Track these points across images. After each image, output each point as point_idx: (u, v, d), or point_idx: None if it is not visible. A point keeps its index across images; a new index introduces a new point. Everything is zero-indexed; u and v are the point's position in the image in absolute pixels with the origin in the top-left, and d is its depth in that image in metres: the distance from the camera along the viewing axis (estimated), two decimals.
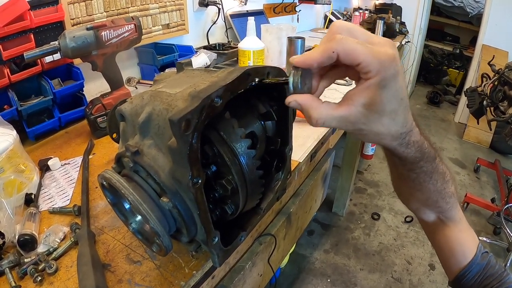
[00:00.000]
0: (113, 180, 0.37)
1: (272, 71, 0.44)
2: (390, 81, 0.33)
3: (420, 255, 2.10)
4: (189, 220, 0.39)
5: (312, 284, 1.90)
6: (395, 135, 0.38)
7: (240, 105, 0.52)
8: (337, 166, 2.64)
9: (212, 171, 0.41)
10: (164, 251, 0.39)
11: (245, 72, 0.36)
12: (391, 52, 0.32)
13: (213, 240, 0.41)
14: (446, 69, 5.01)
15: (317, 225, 2.38)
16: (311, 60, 0.34)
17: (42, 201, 0.73)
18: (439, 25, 5.19)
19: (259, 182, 0.44)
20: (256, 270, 0.79)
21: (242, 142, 0.40)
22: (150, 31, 1.36)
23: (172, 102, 0.35)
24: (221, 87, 0.32)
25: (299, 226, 1.08)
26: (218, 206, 0.45)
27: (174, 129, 0.29)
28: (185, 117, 0.29)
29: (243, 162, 0.40)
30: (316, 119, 0.36)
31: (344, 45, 0.32)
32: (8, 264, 0.55)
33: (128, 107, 0.41)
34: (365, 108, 0.34)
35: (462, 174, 3.01)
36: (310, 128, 1.03)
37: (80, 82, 1.02)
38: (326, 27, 3.01)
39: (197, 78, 0.41)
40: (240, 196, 0.41)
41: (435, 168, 0.46)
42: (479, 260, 0.53)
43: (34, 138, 0.97)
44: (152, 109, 0.37)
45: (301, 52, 1.32)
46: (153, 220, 0.35)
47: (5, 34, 0.87)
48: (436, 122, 4.07)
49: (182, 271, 0.52)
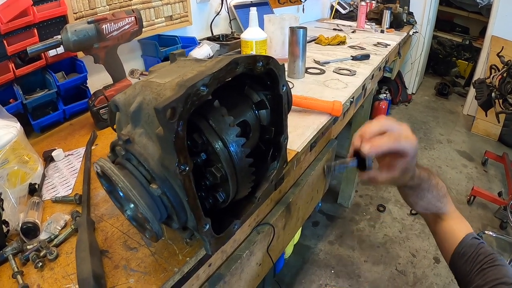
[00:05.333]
0: (105, 168, 0.38)
1: (263, 59, 0.45)
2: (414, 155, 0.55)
3: (425, 248, 2.09)
4: (179, 207, 0.40)
5: (315, 275, 1.92)
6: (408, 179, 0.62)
7: (233, 94, 0.53)
8: (342, 157, 2.63)
9: (202, 159, 0.42)
10: (155, 237, 0.40)
11: (232, 61, 0.37)
12: (414, 137, 0.54)
13: (204, 227, 0.42)
14: (455, 60, 4.91)
15: (322, 216, 2.39)
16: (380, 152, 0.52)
17: (46, 190, 0.75)
18: (448, 15, 5.07)
19: (249, 170, 0.45)
20: (254, 259, 0.80)
21: (231, 130, 0.41)
22: (153, 23, 1.37)
23: (161, 92, 0.36)
24: (207, 76, 0.33)
25: (299, 216, 1.08)
26: (210, 194, 0.46)
27: (159, 117, 0.30)
28: (169, 105, 0.30)
29: (232, 150, 0.41)
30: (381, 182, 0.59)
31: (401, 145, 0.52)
32: (12, 251, 0.57)
33: (122, 98, 0.42)
34: (402, 171, 0.57)
35: (470, 167, 2.97)
36: (310, 119, 1.03)
37: (83, 75, 1.04)
38: (332, 17, 2.98)
39: (187, 68, 0.42)
40: (230, 184, 0.42)
41: (430, 184, 0.66)
42: (469, 241, 0.65)
43: (40, 130, 0.99)
44: (143, 99, 0.38)
45: (303, 42, 1.31)
46: (142, 205, 0.36)
47: (9, 30, 0.89)
48: (445, 114, 4.01)
49: (176, 258, 0.53)
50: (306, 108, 1.08)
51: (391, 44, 2.08)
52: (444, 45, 4.92)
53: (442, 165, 2.98)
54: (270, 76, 0.53)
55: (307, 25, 2.54)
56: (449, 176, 2.82)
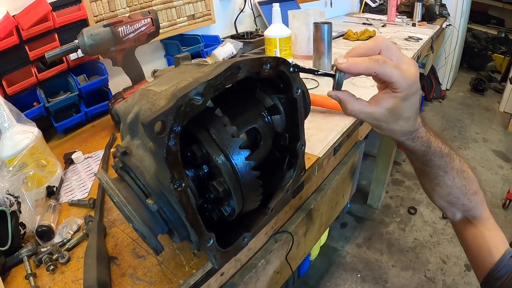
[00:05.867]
0: (102, 181, 0.36)
1: (271, 61, 0.41)
2: (411, 96, 0.44)
3: (457, 254, 1.97)
4: (177, 223, 0.37)
5: (341, 279, 1.86)
6: (404, 132, 0.49)
7: (242, 98, 0.50)
8: (373, 157, 2.54)
9: (204, 172, 0.39)
10: (154, 252, 0.38)
11: (233, 65, 0.34)
12: (415, 74, 0.43)
13: (208, 242, 0.40)
14: (490, 54, 4.59)
15: (351, 217, 2.31)
16: (355, 71, 0.43)
17: (64, 193, 0.76)
18: (483, 7, 4.75)
19: (255, 183, 0.41)
20: (272, 267, 0.77)
21: (234, 142, 0.38)
22: (175, 23, 1.36)
23: (156, 102, 0.33)
24: (201, 83, 0.30)
25: (323, 222, 1.04)
26: (215, 207, 0.43)
27: (147, 132, 0.28)
28: (157, 118, 0.28)
29: (235, 163, 0.38)
30: (349, 111, 0.47)
31: (384, 69, 0.41)
32: (27, 252, 0.58)
33: (123, 106, 0.41)
34: (388, 111, 0.45)
35: (506, 168, 2.76)
36: (334, 120, 0.98)
37: (104, 77, 1.05)
38: (361, 11, 2.87)
39: (187, 73, 0.39)
40: (235, 198, 0.39)
41: (448, 164, 0.53)
42: (507, 261, 0.54)
43: (63, 132, 1.01)
44: (139, 109, 0.35)
45: (328, 38, 1.26)
46: (137, 221, 0.34)
47: (30, 36, 0.91)
48: (480, 111, 3.76)
49: (183, 269, 0.51)
50: (330, 109, 1.03)
51: (423, 38, 1.96)
52: (479, 38, 4.63)
53: (477, 166, 2.79)
54: (282, 78, 0.49)
55: (336, 20, 2.47)
56: (484, 177, 2.63)
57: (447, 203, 0.59)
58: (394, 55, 0.43)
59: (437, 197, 0.59)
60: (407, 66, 0.43)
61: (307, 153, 0.80)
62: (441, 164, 0.53)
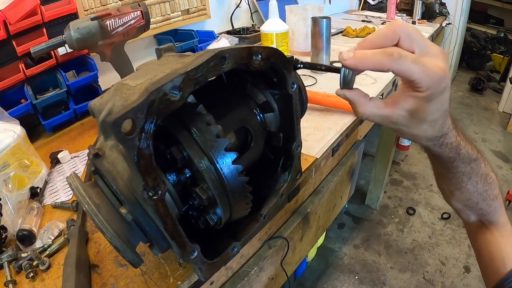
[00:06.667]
0: (72, 186, 0.32)
1: (262, 51, 0.37)
2: (437, 96, 0.35)
3: (456, 255, 1.94)
4: (156, 234, 0.33)
5: (338, 281, 1.82)
6: (430, 138, 0.41)
7: (230, 93, 0.46)
8: (371, 156, 2.50)
9: (186, 177, 0.35)
10: (131, 265, 0.34)
11: (217, 55, 0.29)
12: (443, 68, 0.34)
13: (191, 254, 0.36)
14: (489, 54, 4.57)
15: (349, 218, 2.28)
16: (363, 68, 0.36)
17: (48, 194, 0.72)
18: (482, 6, 4.73)
19: (244, 190, 0.37)
20: (266, 274, 0.73)
21: (219, 143, 0.34)
22: (169, 18, 1.32)
23: (129, 97, 0.30)
24: (178, 75, 0.26)
25: (320, 225, 1.00)
26: (200, 215, 0.39)
27: (113, 132, 0.24)
28: (124, 116, 0.24)
29: (220, 168, 0.34)
30: (361, 114, 0.39)
31: (400, 65, 0.33)
32: (7, 258, 0.55)
33: (98, 103, 0.37)
34: (408, 114, 0.37)
35: (505, 168, 2.73)
36: (333, 119, 0.94)
37: (94, 73, 1.00)
38: (360, 9, 2.83)
39: (166, 65, 0.35)
40: (220, 206, 0.35)
41: (474, 170, 0.47)
42: None
43: (51, 130, 0.97)
44: (113, 105, 0.31)
45: (326, 33, 1.22)
46: (109, 232, 0.30)
47: (17, 30, 0.87)
48: (479, 111, 3.74)
49: (167, 281, 0.48)
50: (329, 107, 0.99)
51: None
52: (478, 38, 4.61)
53: None
54: (276, 72, 0.45)
55: (335, 17, 2.43)
56: None
57: (464, 206, 0.54)
58: (417, 44, 0.35)
59: (455, 200, 0.53)
60: (432, 59, 0.34)
61: (303, 154, 0.77)
62: (467, 170, 0.47)
